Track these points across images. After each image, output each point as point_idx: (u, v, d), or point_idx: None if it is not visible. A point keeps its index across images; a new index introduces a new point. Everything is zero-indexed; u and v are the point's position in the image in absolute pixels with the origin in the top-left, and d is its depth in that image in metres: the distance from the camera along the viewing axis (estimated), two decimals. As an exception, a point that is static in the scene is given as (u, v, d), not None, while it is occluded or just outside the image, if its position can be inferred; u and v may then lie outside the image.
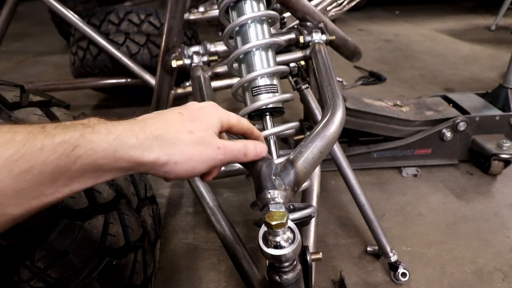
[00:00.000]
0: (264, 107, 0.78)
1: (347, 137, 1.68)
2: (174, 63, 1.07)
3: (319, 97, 0.86)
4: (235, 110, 0.65)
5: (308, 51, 1.09)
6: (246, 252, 0.83)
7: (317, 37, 1.09)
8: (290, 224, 0.52)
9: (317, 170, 1.12)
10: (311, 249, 0.90)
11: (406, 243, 1.22)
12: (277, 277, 0.54)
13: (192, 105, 0.59)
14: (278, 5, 1.16)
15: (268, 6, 0.85)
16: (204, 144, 0.54)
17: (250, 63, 0.79)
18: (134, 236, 0.77)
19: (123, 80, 1.95)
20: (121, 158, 0.47)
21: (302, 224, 0.64)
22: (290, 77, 1.21)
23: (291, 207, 0.64)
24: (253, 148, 0.59)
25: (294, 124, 0.86)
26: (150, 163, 0.50)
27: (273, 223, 0.48)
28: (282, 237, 0.50)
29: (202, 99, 0.87)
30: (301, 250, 0.57)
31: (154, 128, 0.51)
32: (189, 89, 1.85)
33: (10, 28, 1.99)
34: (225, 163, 0.57)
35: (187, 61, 1.06)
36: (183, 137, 0.53)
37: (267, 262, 0.55)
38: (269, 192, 0.55)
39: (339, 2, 1.85)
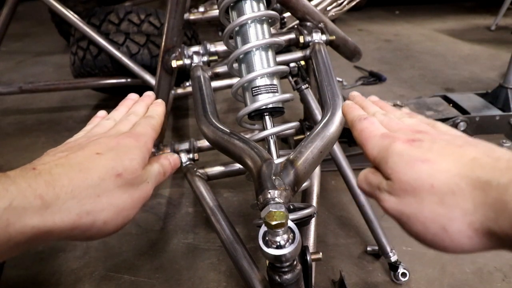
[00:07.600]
0: (264, 107, 0.78)
1: (347, 137, 1.67)
2: (174, 63, 1.07)
3: (319, 97, 0.86)
4: (235, 110, 0.65)
5: (308, 51, 1.09)
6: (246, 252, 0.83)
7: (317, 37, 1.09)
8: (290, 224, 0.52)
9: (317, 170, 1.13)
10: (311, 249, 0.90)
11: (406, 243, 1.22)
12: (277, 277, 0.54)
13: (105, 140, 0.44)
14: (278, 5, 1.16)
15: (268, 6, 0.85)
16: (134, 185, 0.42)
17: (250, 63, 0.79)
18: None
19: (123, 80, 1.95)
20: (19, 233, 0.33)
21: (302, 224, 0.64)
22: (290, 77, 1.21)
23: (291, 207, 0.64)
24: (168, 164, 0.51)
25: (294, 124, 0.86)
26: (67, 230, 0.36)
27: (273, 223, 0.48)
28: (282, 237, 0.50)
29: (202, 99, 0.87)
30: (301, 250, 0.58)
31: (67, 179, 0.37)
32: (189, 89, 1.85)
33: (10, 28, 1.98)
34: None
35: (187, 61, 1.06)
36: (110, 185, 0.39)
37: (267, 262, 0.55)
38: (269, 192, 0.55)
39: (339, 2, 1.86)
